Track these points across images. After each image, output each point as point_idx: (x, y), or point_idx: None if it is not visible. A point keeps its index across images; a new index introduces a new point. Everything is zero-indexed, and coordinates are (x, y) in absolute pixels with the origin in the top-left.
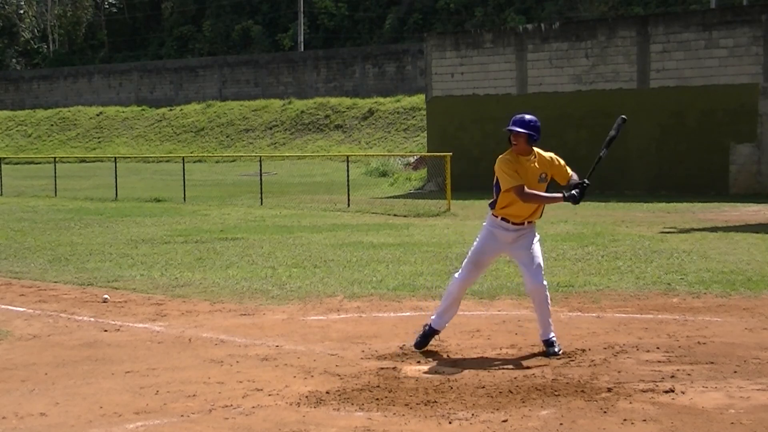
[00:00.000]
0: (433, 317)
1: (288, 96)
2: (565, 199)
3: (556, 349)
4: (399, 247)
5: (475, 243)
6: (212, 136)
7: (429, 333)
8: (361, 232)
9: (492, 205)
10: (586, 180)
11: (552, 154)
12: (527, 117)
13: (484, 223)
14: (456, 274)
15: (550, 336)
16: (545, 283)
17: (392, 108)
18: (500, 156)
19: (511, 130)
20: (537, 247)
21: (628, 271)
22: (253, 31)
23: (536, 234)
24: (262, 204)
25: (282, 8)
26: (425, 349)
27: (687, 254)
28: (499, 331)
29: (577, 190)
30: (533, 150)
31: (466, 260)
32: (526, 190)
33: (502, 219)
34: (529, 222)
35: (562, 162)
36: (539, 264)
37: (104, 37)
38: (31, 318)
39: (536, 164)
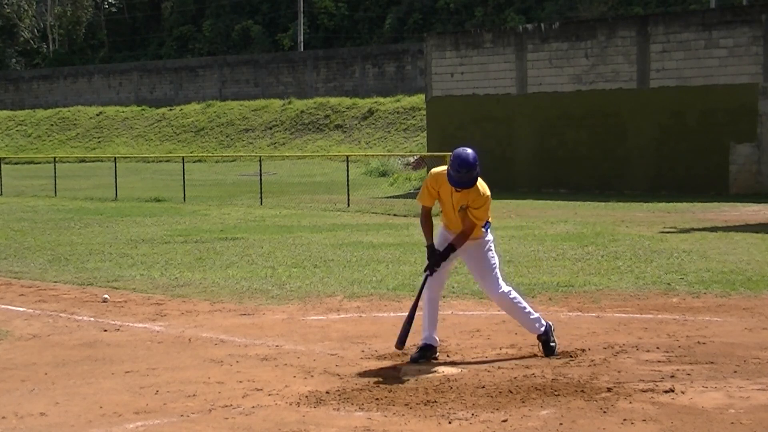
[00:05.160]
0: (424, 334)
1: (288, 96)
2: (427, 248)
3: (551, 345)
4: (399, 247)
5: None
6: (212, 136)
7: (425, 347)
8: (361, 232)
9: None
10: (427, 273)
11: (486, 193)
12: (471, 159)
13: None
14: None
15: (540, 330)
16: (504, 290)
17: (392, 108)
18: (434, 170)
19: (460, 187)
20: (489, 255)
21: (628, 271)
22: (253, 31)
23: (487, 238)
24: (262, 204)
25: (282, 8)
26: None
27: (687, 254)
28: (499, 331)
29: (432, 254)
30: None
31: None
32: (427, 214)
33: (445, 228)
34: (426, 244)
35: (486, 209)
36: (493, 273)
37: (104, 37)
38: (31, 318)
39: (462, 194)
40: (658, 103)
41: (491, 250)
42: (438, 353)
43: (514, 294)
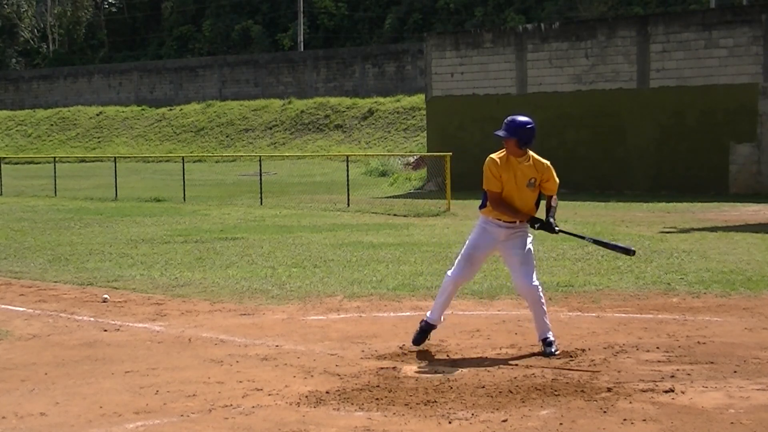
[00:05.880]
0: (428, 313)
1: (288, 96)
2: (528, 221)
3: (553, 349)
4: (399, 247)
5: (468, 240)
6: (212, 136)
7: (426, 328)
8: (361, 232)
9: (481, 207)
10: (558, 227)
11: (548, 163)
12: (519, 119)
13: (477, 221)
14: (449, 272)
15: (548, 336)
16: (536, 284)
17: (392, 108)
18: (492, 155)
19: (498, 136)
20: (530, 249)
21: (628, 271)
22: (253, 31)
23: (530, 234)
24: (262, 204)
25: (282, 8)
26: (424, 347)
27: (687, 254)
28: (499, 331)
29: (541, 223)
30: (527, 152)
31: (458, 257)
32: (500, 199)
33: (495, 218)
34: (521, 221)
35: (555, 175)
36: (531, 265)
37: (104, 37)
38: (31, 318)
39: (528, 168)
40: (658, 103)
41: (531, 242)
42: (431, 337)
43: (541, 293)
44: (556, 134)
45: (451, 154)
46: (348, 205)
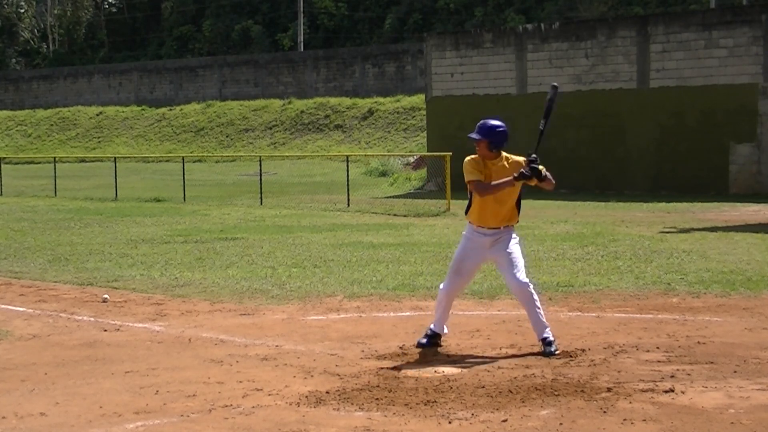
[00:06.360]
0: (434, 322)
1: (288, 96)
2: (516, 179)
3: (553, 349)
4: (399, 247)
5: (455, 252)
6: (212, 136)
7: (432, 335)
8: (361, 232)
9: (466, 211)
10: (533, 154)
11: (524, 160)
12: (490, 122)
13: (464, 232)
14: (441, 285)
15: (546, 335)
16: (526, 281)
17: (392, 108)
18: (468, 158)
19: (471, 138)
20: (516, 248)
21: (628, 270)
22: (253, 31)
23: (515, 236)
24: (262, 204)
25: (282, 8)
26: (426, 348)
27: (687, 254)
28: (499, 331)
29: (529, 168)
30: (500, 154)
31: (449, 269)
32: (486, 184)
33: (478, 225)
34: (505, 226)
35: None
36: (519, 265)
37: (104, 37)
38: (31, 318)
39: (502, 168)
40: (658, 103)
41: (517, 242)
42: (441, 343)
43: (533, 290)
44: (557, 134)
45: (451, 154)
46: (348, 205)
